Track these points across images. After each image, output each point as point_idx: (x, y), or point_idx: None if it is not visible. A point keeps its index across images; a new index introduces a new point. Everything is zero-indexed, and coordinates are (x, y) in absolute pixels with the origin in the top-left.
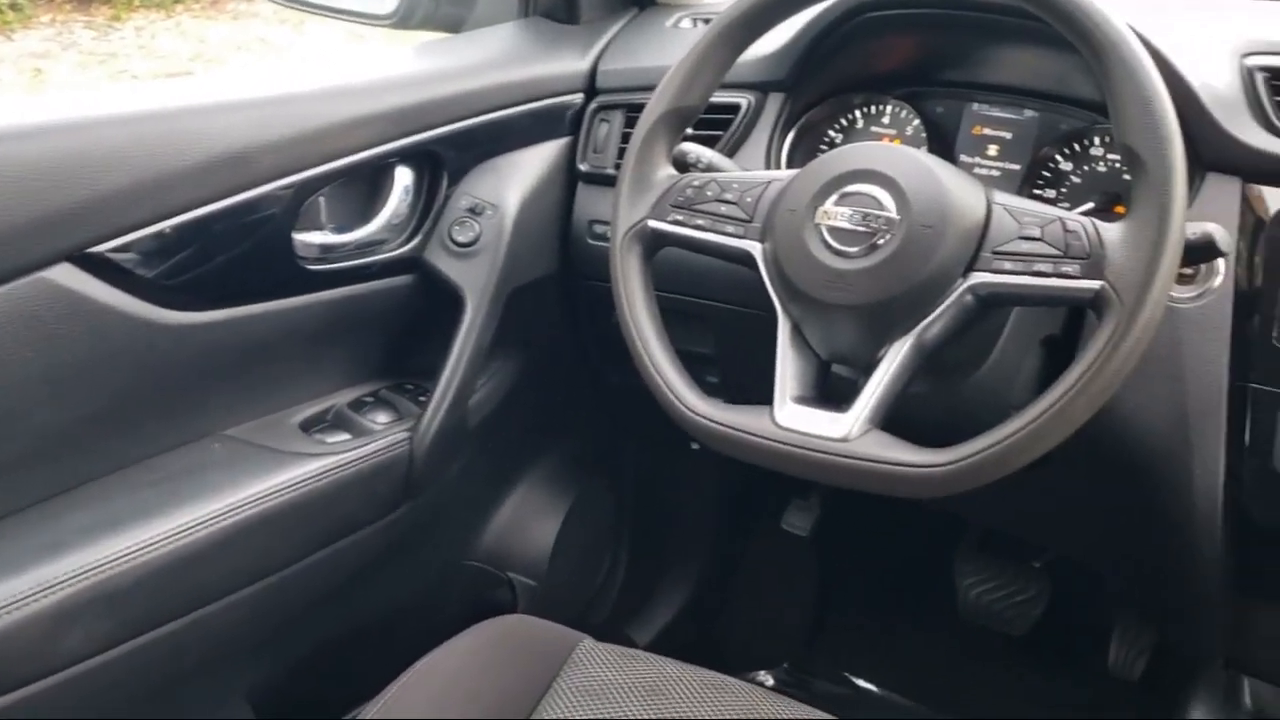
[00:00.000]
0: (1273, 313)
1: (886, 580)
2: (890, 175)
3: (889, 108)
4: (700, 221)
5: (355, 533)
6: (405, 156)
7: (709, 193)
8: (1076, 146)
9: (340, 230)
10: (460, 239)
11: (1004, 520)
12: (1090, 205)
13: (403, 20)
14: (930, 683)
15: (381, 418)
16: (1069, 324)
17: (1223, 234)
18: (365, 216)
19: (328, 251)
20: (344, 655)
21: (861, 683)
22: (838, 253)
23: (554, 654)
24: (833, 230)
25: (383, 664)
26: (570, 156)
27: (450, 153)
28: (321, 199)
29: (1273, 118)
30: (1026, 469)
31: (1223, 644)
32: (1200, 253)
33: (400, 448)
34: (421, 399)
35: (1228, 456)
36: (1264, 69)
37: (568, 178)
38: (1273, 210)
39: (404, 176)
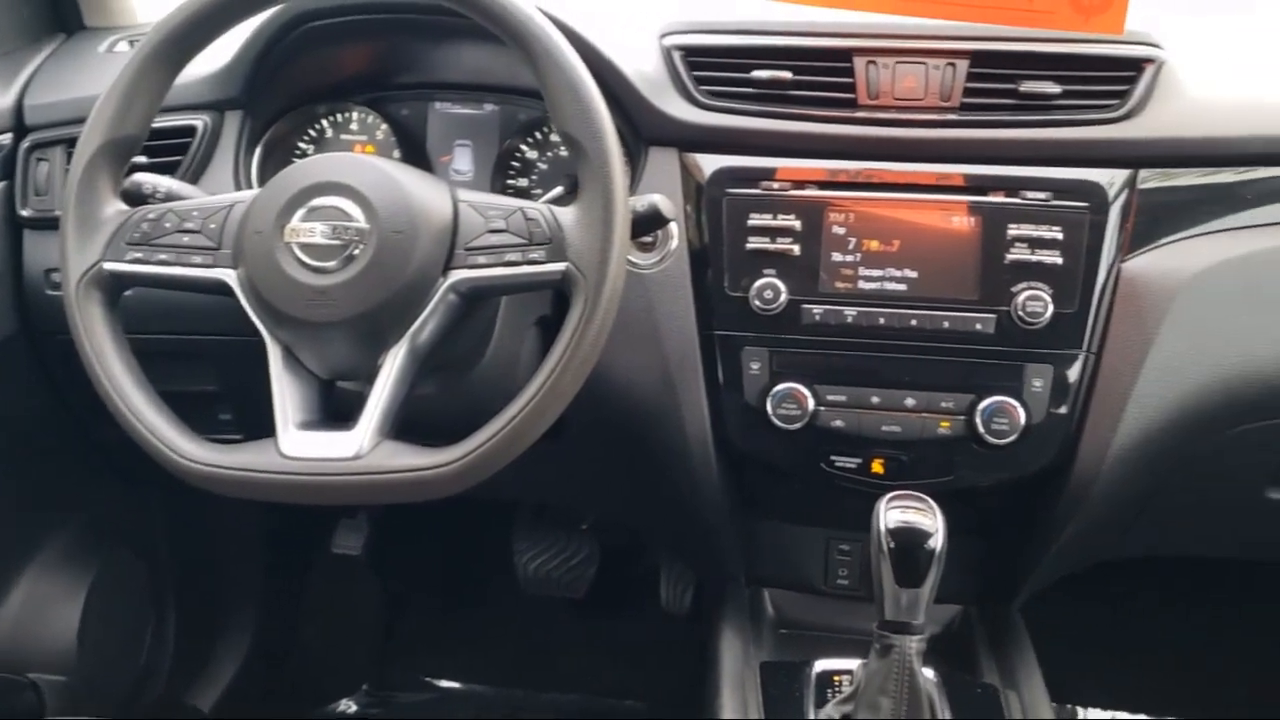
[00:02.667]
0: (721, 265)
1: (452, 575)
2: (353, 185)
3: (355, 115)
4: (163, 256)
5: None
6: None
7: (167, 224)
8: (538, 135)
9: None
10: None
11: (544, 494)
12: (559, 190)
13: None
14: (506, 664)
15: None
16: (557, 303)
17: (667, 203)
18: None
19: None
20: None
21: (443, 683)
22: (314, 269)
23: None
24: (305, 247)
25: None
26: (8, 202)
27: None
28: None
29: (693, 92)
30: (544, 444)
31: (741, 564)
32: (650, 222)
33: None
34: None
35: (709, 397)
36: (679, 47)
37: (9, 227)
38: (708, 174)
39: None
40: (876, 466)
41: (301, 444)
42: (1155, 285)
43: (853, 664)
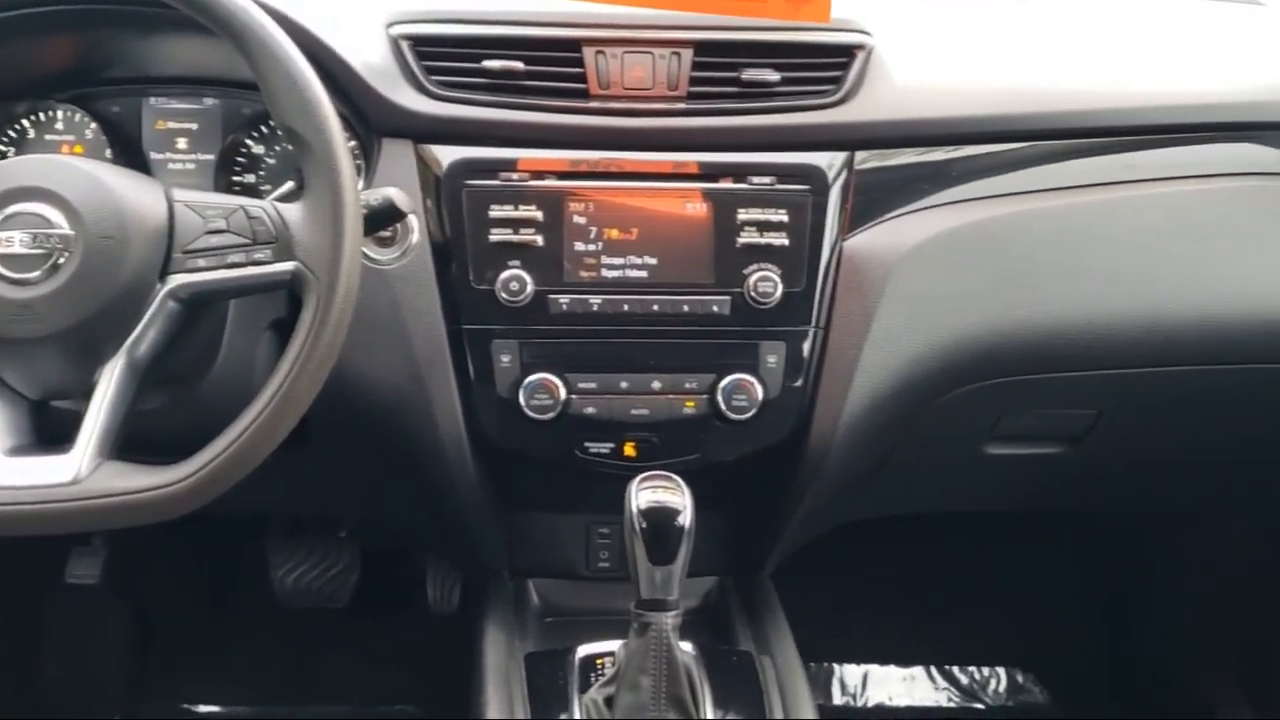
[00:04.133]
0: (465, 258)
1: (204, 595)
2: (53, 190)
3: (60, 113)
4: None
5: None
6: None
7: None
8: (264, 129)
9: None
10: None
11: (295, 504)
12: (290, 186)
13: None
14: (270, 682)
15: None
16: (292, 305)
17: (402, 196)
18: None
19: None
20: None
21: (203, 708)
22: (15, 282)
23: None
24: (3, 258)
25: None
26: None
27: None
28: None
29: (424, 82)
30: (287, 452)
31: (503, 557)
32: (385, 217)
33: None
34: None
35: (461, 393)
36: (407, 37)
37: None
38: (445, 166)
39: None
40: (629, 450)
41: (12, 471)
42: (874, 261)
43: (615, 645)
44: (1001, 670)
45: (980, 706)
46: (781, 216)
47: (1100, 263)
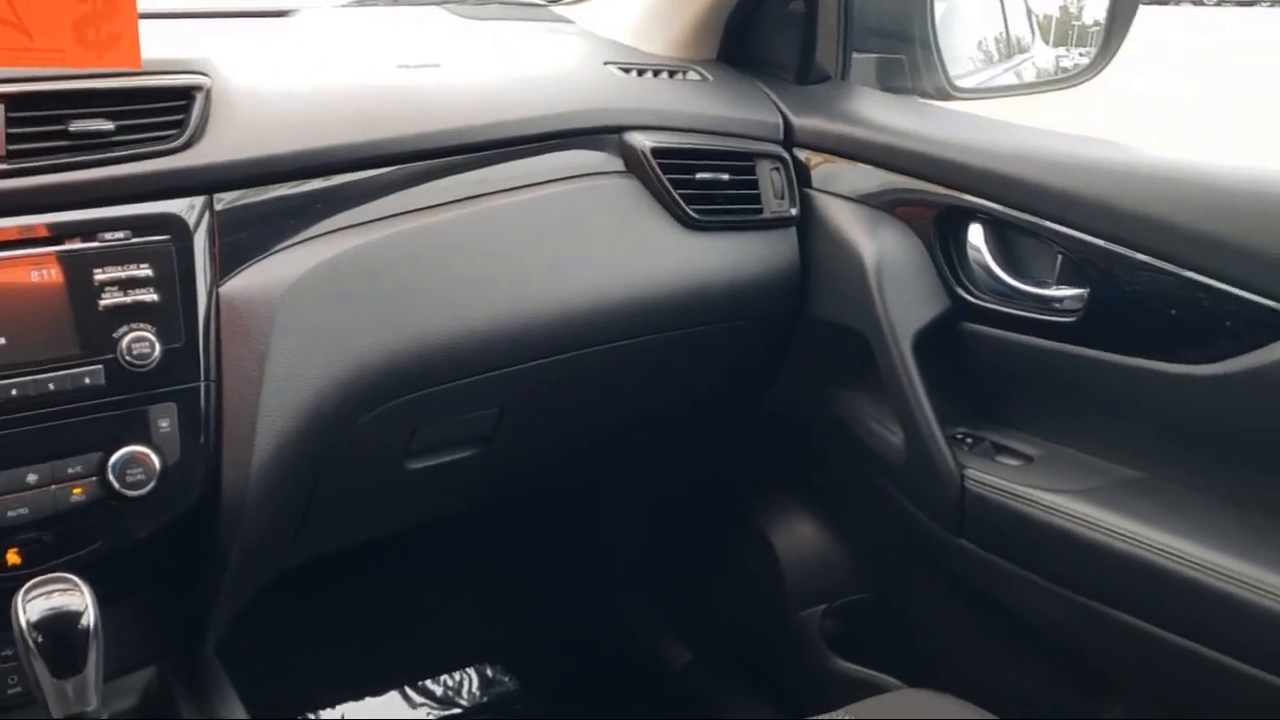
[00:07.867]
0: None
1: None
2: None
3: None
4: None
5: None
6: None
7: None
8: None
9: None
10: None
11: None
12: None
13: None
14: None
15: None
16: None
17: None
18: None
19: None
20: None
21: None
22: None
23: None
24: None
25: None
26: None
27: None
28: None
29: None
30: None
31: None
32: None
33: None
34: None
35: None
36: None
37: None
38: None
39: None
40: (12, 557)
41: None
42: (257, 301)
43: None
44: (472, 670)
45: (458, 710)
46: (145, 271)
47: (473, 273)
